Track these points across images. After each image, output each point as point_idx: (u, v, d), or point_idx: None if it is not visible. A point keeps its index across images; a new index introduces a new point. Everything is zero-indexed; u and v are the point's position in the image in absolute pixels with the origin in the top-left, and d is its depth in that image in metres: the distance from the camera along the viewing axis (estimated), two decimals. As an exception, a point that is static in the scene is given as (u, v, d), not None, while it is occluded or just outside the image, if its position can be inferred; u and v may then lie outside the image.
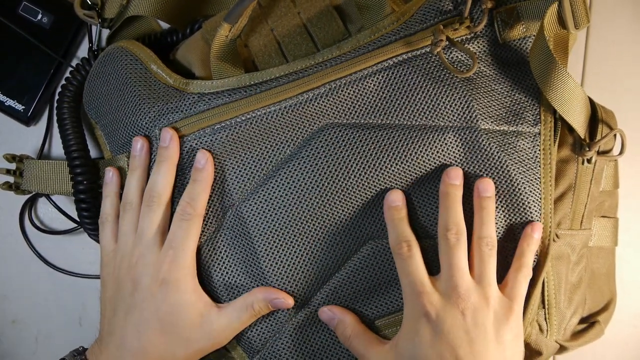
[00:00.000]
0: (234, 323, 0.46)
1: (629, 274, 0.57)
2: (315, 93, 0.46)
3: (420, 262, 0.44)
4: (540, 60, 0.44)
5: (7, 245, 0.60)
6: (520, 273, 0.45)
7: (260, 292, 0.46)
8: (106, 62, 0.51)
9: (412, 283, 0.43)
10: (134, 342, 0.45)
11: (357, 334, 0.45)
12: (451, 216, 0.44)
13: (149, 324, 0.45)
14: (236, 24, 0.46)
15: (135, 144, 0.48)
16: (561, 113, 0.45)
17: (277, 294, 0.46)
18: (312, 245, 0.46)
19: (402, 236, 0.45)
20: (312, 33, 0.47)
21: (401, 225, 0.45)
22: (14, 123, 0.57)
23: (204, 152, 0.46)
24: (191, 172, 0.47)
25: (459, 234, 0.44)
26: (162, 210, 0.47)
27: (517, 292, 0.44)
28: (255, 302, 0.46)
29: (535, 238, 0.45)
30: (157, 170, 0.47)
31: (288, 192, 0.46)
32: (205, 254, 0.47)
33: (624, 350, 0.58)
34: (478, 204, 0.45)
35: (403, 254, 0.44)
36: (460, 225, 0.44)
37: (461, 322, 0.41)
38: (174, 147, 0.47)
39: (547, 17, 0.43)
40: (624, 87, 0.58)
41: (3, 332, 0.61)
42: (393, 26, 0.47)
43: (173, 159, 0.47)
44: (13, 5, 0.55)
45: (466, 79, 0.46)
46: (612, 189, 0.52)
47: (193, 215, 0.46)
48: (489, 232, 0.44)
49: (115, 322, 0.46)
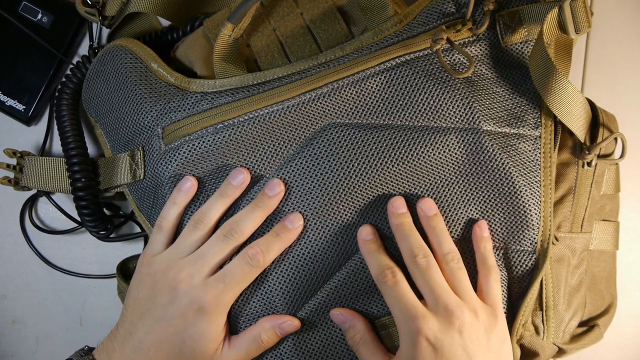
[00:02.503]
0: (241, 357, 0.46)
1: (629, 274, 0.58)
2: (317, 93, 0.46)
3: (407, 286, 0.44)
4: (539, 66, 0.44)
5: (8, 245, 0.60)
6: (490, 277, 0.45)
7: (266, 321, 0.46)
8: (105, 60, 0.51)
9: (404, 309, 0.43)
10: (150, 351, 0.45)
11: (366, 341, 0.45)
12: (413, 243, 0.45)
13: (171, 342, 0.45)
14: (239, 24, 0.46)
15: (237, 174, 0.47)
16: (560, 118, 0.45)
17: (283, 319, 0.46)
18: (313, 244, 0.46)
19: (383, 265, 0.45)
20: (315, 34, 0.47)
21: (379, 255, 0.45)
22: (14, 122, 0.57)
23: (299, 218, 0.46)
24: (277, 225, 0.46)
25: (427, 256, 0.44)
26: (235, 247, 0.46)
27: (494, 297, 0.45)
28: (263, 332, 0.46)
29: (486, 237, 0.46)
30: (252, 212, 0.46)
31: (290, 191, 0.46)
32: None
33: (624, 352, 0.59)
34: (427, 225, 0.46)
35: (388, 282, 0.44)
36: (425, 247, 0.45)
37: (459, 341, 0.42)
38: (276, 200, 0.46)
39: (547, 22, 0.43)
40: (624, 87, 0.58)
41: (3, 332, 0.61)
42: (396, 28, 0.47)
43: (270, 210, 0.46)
44: (13, 5, 0.54)
45: (468, 81, 0.46)
46: (613, 193, 0.52)
47: (261, 265, 0.46)
48: (450, 247, 0.45)
49: (139, 327, 0.45)
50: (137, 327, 0.45)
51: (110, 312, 0.60)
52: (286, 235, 0.46)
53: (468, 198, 0.46)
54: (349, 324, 0.46)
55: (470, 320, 0.42)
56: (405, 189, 0.46)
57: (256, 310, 0.47)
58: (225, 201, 0.47)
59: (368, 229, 0.46)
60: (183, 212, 0.48)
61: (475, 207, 0.46)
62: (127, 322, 0.46)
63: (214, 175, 0.47)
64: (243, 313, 0.47)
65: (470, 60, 0.44)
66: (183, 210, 0.48)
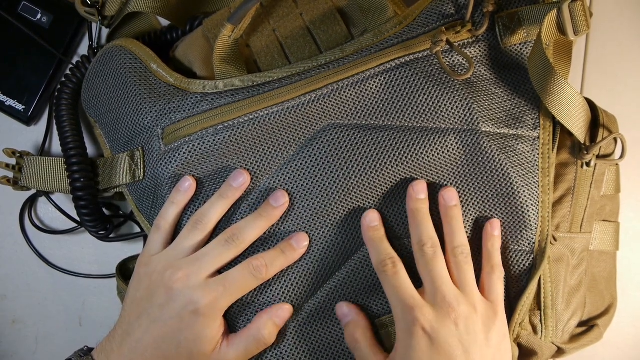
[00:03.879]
0: (240, 356, 0.46)
1: (629, 274, 0.58)
2: (317, 94, 0.46)
3: (407, 277, 0.44)
4: (538, 68, 0.44)
5: (7, 245, 0.60)
6: (494, 275, 0.45)
7: (261, 315, 0.46)
8: (105, 61, 0.51)
9: (402, 299, 0.43)
10: (147, 351, 0.45)
11: (365, 339, 0.45)
12: (424, 231, 0.45)
13: (168, 343, 0.45)
14: (239, 25, 0.46)
15: (238, 176, 0.47)
16: (559, 119, 0.45)
17: (275, 307, 0.46)
18: (313, 244, 0.47)
19: (384, 254, 0.45)
20: (315, 36, 0.47)
21: (382, 243, 0.45)
22: (14, 122, 0.57)
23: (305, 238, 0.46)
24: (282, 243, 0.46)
25: (434, 247, 0.44)
26: (235, 253, 0.46)
27: (495, 294, 0.45)
28: (262, 327, 0.46)
29: (496, 236, 0.46)
30: (255, 221, 0.46)
31: (290, 192, 0.46)
32: None
33: (624, 352, 0.59)
34: (445, 214, 0.46)
35: (388, 271, 0.44)
36: (434, 238, 0.45)
37: (455, 332, 0.42)
38: (280, 211, 0.46)
39: (546, 24, 0.43)
40: (624, 87, 0.58)
41: (3, 332, 0.61)
42: (396, 29, 0.47)
43: (273, 220, 0.46)
44: (12, 5, 0.54)
45: (467, 82, 0.46)
46: (613, 193, 0.52)
47: (262, 278, 0.46)
48: (462, 241, 0.45)
49: (137, 327, 0.45)
50: (134, 328, 0.45)
51: (110, 312, 0.60)
52: (291, 254, 0.46)
53: (466, 198, 0.46)
54: (352, 318, 0.46)
55: (467, 313, 0.43)
56: (404, 189, 0.46)
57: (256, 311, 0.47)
58: (226, 202, 0.47)
59: (373, 215, 0.46)
60: (182, 212, 0.48)
61: (474, 207, 0.46)
62: (125, 323, 0.46)
63: (214, 176, 0.47)
64: (243, 313, 0.47)
65: (469, 62, 0.44)
66: (182, 210, 0.48)
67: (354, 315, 0.46)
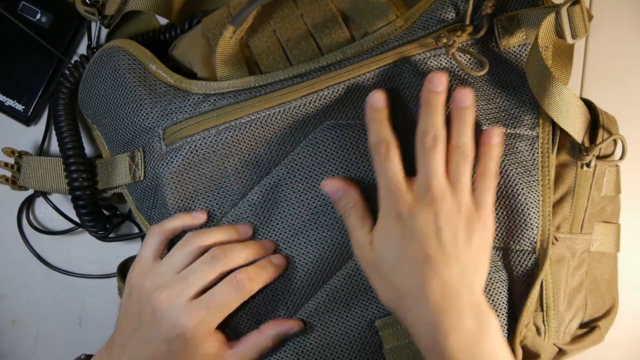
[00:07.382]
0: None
1: (629, 275, 0.57)
2: (318, 95, 0.47)
3: (398, 163, 0.43)
4: (535, 71, 0.44)
5: (6, 246, 0.60)
6: (486, 178, 0.44)
7: (270, 328, 0.46)
8: (102, 62, 0.50)
9: (388, 183, 0.43)
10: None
11: (358, 209, 0.45)
12: (429, 121, 0.43)
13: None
14: (240, 27, 0.46)
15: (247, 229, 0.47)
16: (556, 121, 0.45)
17: (287, 324, 0.46)
18: (312, 244, 0.47)
19: (382, 136, 0.44)
20: (317, 39, 0.47)
21: (382, 126, 0.44)
22: (14, 122, 0.57)
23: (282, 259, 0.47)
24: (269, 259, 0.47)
25: (436, 139, 0.43)
26: (221, 272, 0.45)
27: (484, 198, 0.44)
28: (269, 340, 0.46)
29: (493, 144, 0.44)
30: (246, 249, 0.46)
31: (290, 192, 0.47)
32: None
33: (625, 352, 0.59)
34: (454, 115, 0.44)
35: (381, 154, 0.43)
36: (440, 131, 0.43)
37: (432, 223, 0.41)
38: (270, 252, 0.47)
39: (543, 27, 0.43)
40: (624, 87, 0.58)
41: (3, 332, 0.61)
42: (396, 32, 0.47)
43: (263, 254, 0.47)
44: (12, 5, 0.54)
45: (466, 83, 0.46)
46: (614, 194, 0.52)
47: (247, 292, 0.45)
48: (465, 140, 0.44)
49: (132, 343, 0.45)
50: (129, 343, 0.45)
51: (109, 312, 0.60)
52: (274, 269, 0.46)
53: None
54: (342, 192, 0.45)
55: (450, 208, 0.42)
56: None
57: (257, 311, 0.47)
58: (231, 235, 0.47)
59: (380, 95, 0.45)
60: (181, 231, 0.48)
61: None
62: (122, 336, 0.46)
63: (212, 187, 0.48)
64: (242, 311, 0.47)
65: (484, 61, 0.44)
66: (184, 228, 0.48)
67: (344, 188, 0.45)
